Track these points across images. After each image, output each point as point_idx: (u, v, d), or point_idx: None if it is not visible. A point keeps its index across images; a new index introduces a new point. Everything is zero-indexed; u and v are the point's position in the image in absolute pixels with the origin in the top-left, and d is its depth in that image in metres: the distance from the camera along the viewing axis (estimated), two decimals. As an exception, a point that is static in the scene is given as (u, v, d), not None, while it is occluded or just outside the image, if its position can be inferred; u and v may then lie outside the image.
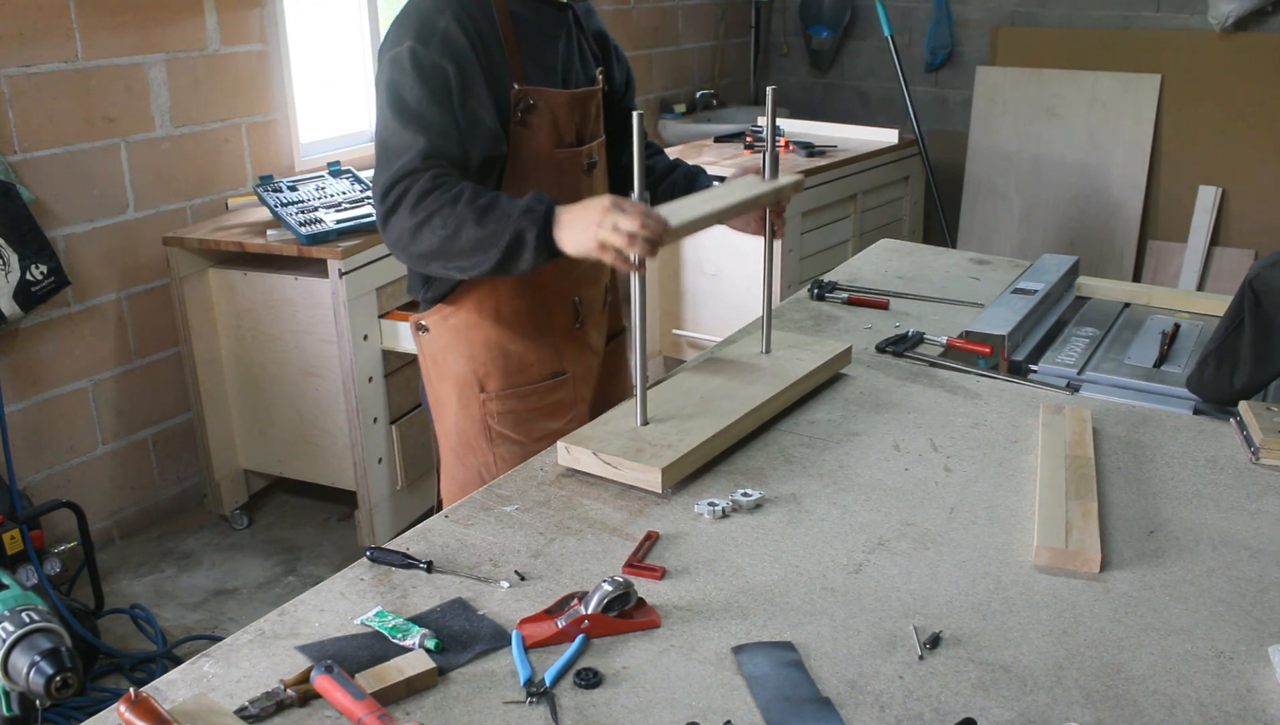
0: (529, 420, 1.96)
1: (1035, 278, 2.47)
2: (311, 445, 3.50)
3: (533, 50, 1.86)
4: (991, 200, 5.48)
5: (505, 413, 1.96)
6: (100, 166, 3.32)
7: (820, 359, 2.00)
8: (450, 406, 1.99)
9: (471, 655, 1.26)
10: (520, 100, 1.82)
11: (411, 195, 1.70)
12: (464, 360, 1.95)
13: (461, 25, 1.76)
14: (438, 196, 1.70)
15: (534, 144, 1.86)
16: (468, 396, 1.97)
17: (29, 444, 3.25)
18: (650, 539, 1.51)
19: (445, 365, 1.98)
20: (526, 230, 1.66)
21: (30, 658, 1.05)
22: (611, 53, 2.08)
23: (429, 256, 1.73)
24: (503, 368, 1.95)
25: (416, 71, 1.73)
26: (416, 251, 1.74)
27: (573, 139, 1.92)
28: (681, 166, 2.16)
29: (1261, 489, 1.66)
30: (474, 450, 1.99)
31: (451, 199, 1.69)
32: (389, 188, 1.72)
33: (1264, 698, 1.20)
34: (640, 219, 1.58)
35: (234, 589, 3.34)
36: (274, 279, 3.37)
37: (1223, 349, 1.87)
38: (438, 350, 1.98)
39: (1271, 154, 4.90)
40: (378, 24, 4.15)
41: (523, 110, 1.83)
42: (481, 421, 1.97)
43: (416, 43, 1.74)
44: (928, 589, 1.40)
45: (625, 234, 1.58)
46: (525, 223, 1.66)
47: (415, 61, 1.73)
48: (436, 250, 1.71)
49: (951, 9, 5.59)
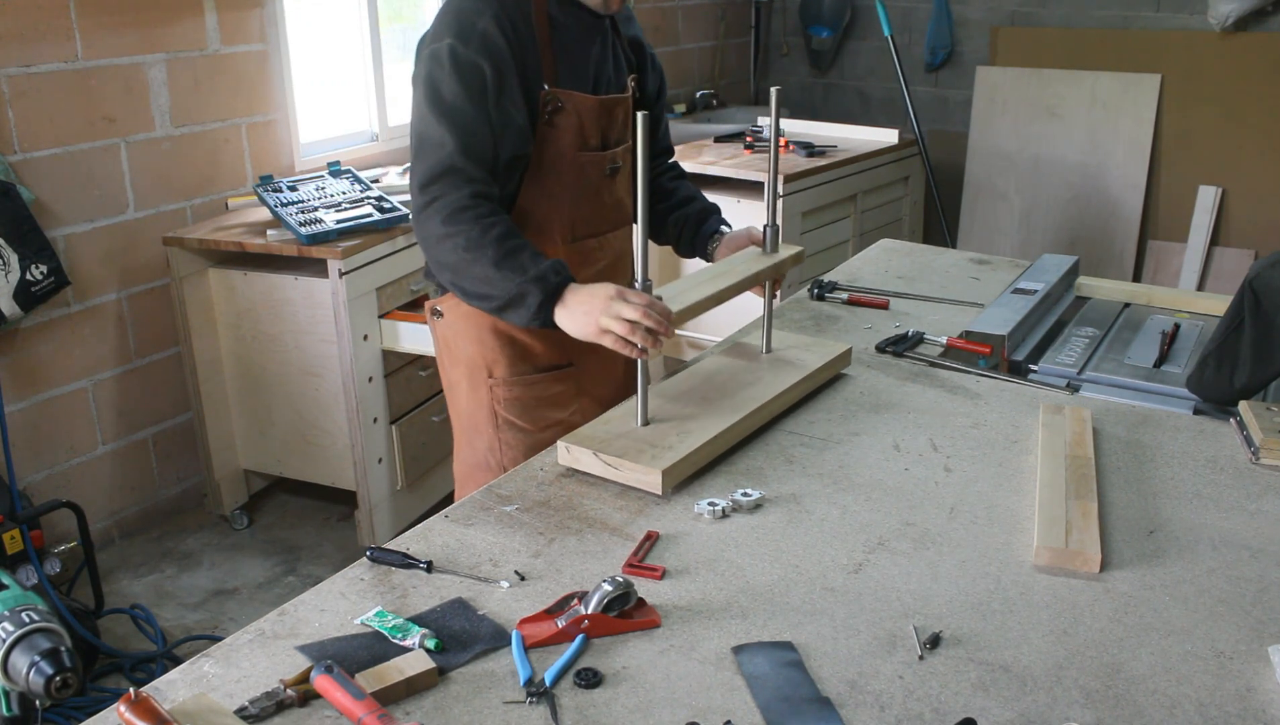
0: (534, 408, 2.00)
1: (1035, 278, 2.47)
2: (311, 445, 3.50)
3: (566, 54, 1.90)
4: (991, 200, 5.48)
5: (512, 399, 2.00)
6: (100, 166, 3.32)
7: (821, 360, 2.00)
8: (461, 389, 2.05)
9: (471, 655, 1.26)
10: (549, 101, 1.87)
11: (448, 203, 1.77)
12: (474, 346, 1.99)
13: (500, 26, 1.81)
14: (471, 218, 1.76)
15: (558, 145, 1.90)
16: (476, 381, 2.01)
17: (29, 444, 3.25)
18: (650, 539, 1.51)
19: (457, 350, 2.03)
20: (529, 294, 1.71)
21: (30, 658, 1.05)
22: (646, 60, 2.12)
23: (444, 266, 1.81)
24: (510, 355, 1.98)
25: (455, 68, 1.78)
26: (435, 257, 1.82)
27: (597, 143, 1.95)
28: (697, 203, 2.18)
29: (1261, 489, 1.66)
30: (481, 433, 2.03)
31: (483, 228, 1.75)
32: (427, 182, 1.79)
33: (1264, 698, 1.20)
34: (643, 310, 1.63)
35: (234, 589, 3.34)
36: (274, 279, 3.37)
37: (1223, 349, 1.87)
38: (451, 335, 2.03)
39: (1271, 154, 4.90)
40: (378, 24, 4.15)
41: (550, 111, 1.87)
42: (489, 406, 2.01)
43: (456, 40, 1.79)
44: (928, 589, 1.40)
45: (628, 323, 1.63)
46: (531, 288, 1.71)
47: (454, 58, 1.78)
48: (451, 266, 1.78)
49: (951, 9, 5.59)
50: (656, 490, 1.61)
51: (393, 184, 3.71)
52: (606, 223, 2.03)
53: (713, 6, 5.96)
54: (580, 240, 1.99)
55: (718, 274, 1.90)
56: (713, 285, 1.85)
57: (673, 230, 2.16)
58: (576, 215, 1.96)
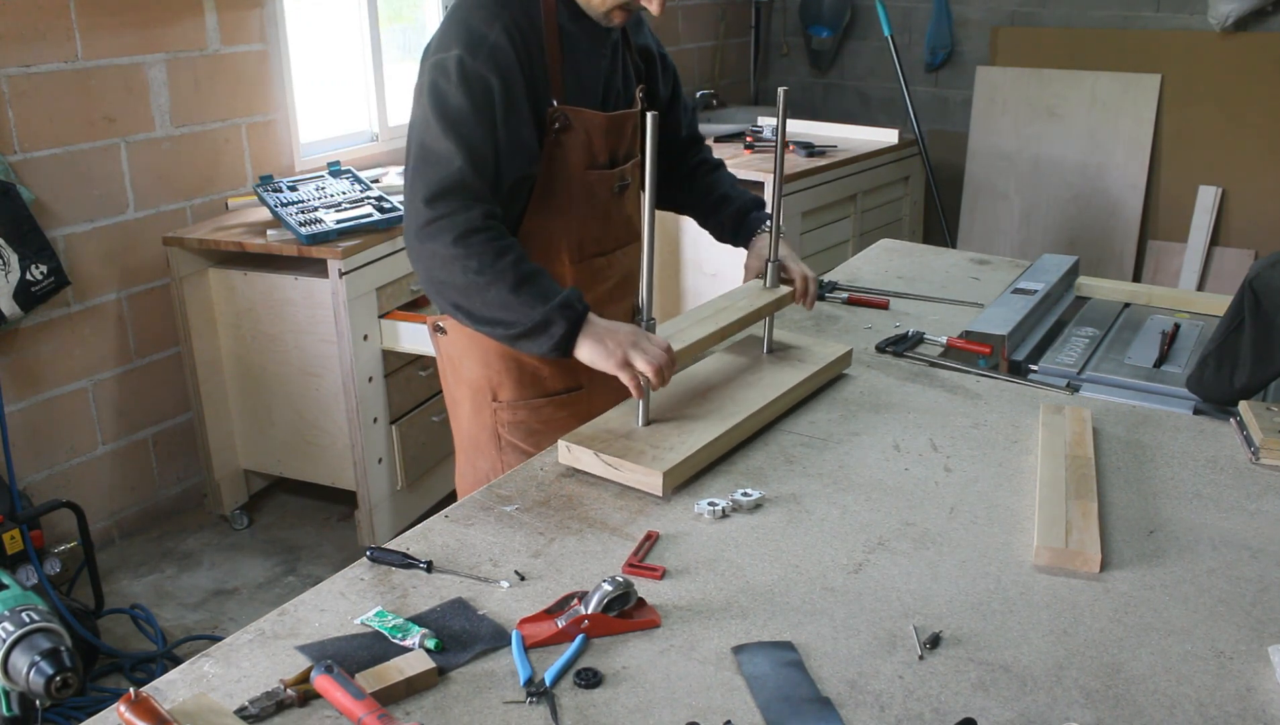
0: (539, 432, 1.94)
1: (1035, 278, 2.47)
2: (311, 445, 3.50)
3: (575, 68, 1.83)
4: (991, 200, 5.48)
5: (516, 423, 1.96)
6: (100, 166, 3.32)
7: (822, 361, 2.00)
8: (464, 408, 2.01)
9: (471, 655, 1.26)
10: (557, 118, 1.80)
11: (458, 223, 1.68)
12: (478, 366, 1.95)
13: (510, 37, 1.74)
14: (483, 241, 1.68)
15: (566, 163, 1.84)
16: (480, 402, 1.97)
17: (29, 444, 3.25)
18: (650, 539, 1.51)
19: (460, 369, 1.98)
20: (555, 322, 1.67)
21: (30, 658, 1.05)
22: (656, 65, 2.06)
23: (447, 288, 1.71)
24: (516, 378, 1.94)
25: (462, 81, 1.70)
26: (440, 277, 1.71)
27: (605, 160, 1.90)
28: (734, 204, 2.13)
29: (1261, 489, 1.66)
30: (484, 454, 1.99)
31: (497, 252, 1.68)
32: (433, 197, 1.69)
33: (1264, 698, 1.20)
34: (655, 366, 1.67)
35: (234, 589, 3.34)
36: (274, 279, 3.37)
37: (1223, 349, 1.87)
38: (454, 353, 1.98)
39: (1271, 154, 4.90)
40: (378, 24, 4.15)
41: (558, 128, 1.81)
42: (492, 428, 1.97)
43: (464, 52, 1.71)
44: (928, 589, 1.40)
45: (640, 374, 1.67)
46: (557, 316, 1.67)
47: (461, 71, 1.70)
48: (459, 288, 1.69)
49: (951, 9, 5.59)
50: (657, 492, 1.61)
51: (393, 184, 3.71)
52: (615, 241, 1.97)
53: (713, 6, 5.96)
54: (589, 259, 1.94)
55: (719, 310, 1.93)
56: (715, 322, 1.88)
57: (715, 227, 2.15)
58: (585, 234, 1.91)
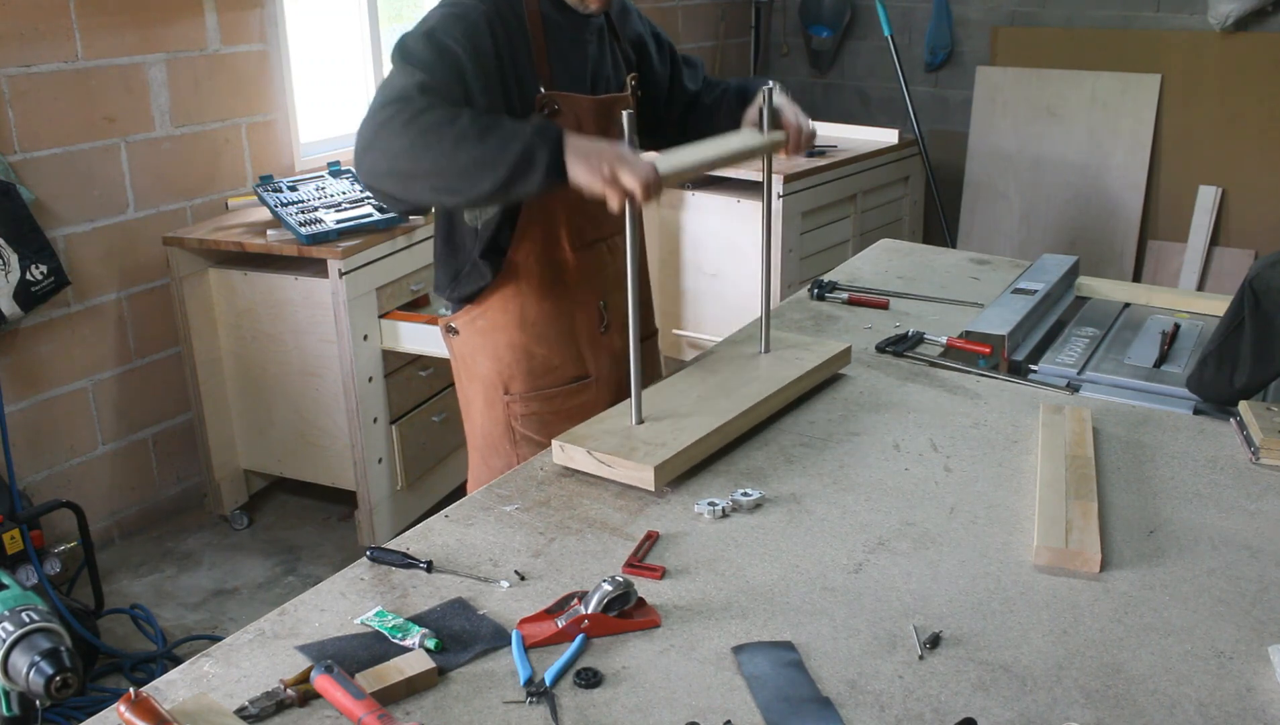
0: (552, 423, 1.95)
1: (1035, 278, 2.47)
2: (311, 445, 3.50)
3: (561, 55, 1.84)
4: (991, 200, 5.48)
5: (529, 415, 1.97)
6: (100, 166, 3.32)
7: (819, 359, 2.00)
8: (477, 407, 2.02)
9: (471, 655, 1.26)
10: (545, 105, 1.80)
11: (404, 115, 1.60)
12: (490, 362, 1.96)
13: (492, 27, 1.74)
14: (434, 115, 1.60)
15: None
16: (493, 398, 1.98)
17: (29, 444, 3.25)
18: (650, 539, 1.51)
19: (473, 367, 2.00)
20: (538, 149, 1.58)
21: (30, 658, 1.05)
22: (649, 52, 2.04)
23: (420, 176, 1.62)
24: (527, 370, 1.95)
25: (429, 47, 1.69)
26: (401, 168, 1.62)
27: None
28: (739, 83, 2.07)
29: (1261, 489, 1.66)
30: (498, 451, 2.00)
31: (450, 118, 1.60)
32: (379, 109, 1.63)
33: (1264, 698, 1.20)
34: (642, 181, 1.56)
35: (234, 589, 3.34)
36: (274, 279, 3.37)
37: (1223, 349, 1.87)
38: (466, 352, 2.00)
39: (1271, 154, 4.89)
40: (378, 24, 4.15)
41: (548, 115, 1.80)
42: (505, 423, 1.98)
43: (437, 25, 1.71)
44: (928, 589, 1.40)
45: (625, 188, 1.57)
46: (537, 141, 1.58)
47: (430, 39, 1.70)
48: (430, 169, 1.60)
49: (951, 9, 5.59)
50: (649, 487, 1.61)
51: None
52: (613, 225, 1.97)
53: (713, 6, 5.96)
54: (589, 245, 1.94)
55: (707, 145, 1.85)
56: (701, 153, 1.80)
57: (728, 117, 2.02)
58: (584, 220, 1.92)
